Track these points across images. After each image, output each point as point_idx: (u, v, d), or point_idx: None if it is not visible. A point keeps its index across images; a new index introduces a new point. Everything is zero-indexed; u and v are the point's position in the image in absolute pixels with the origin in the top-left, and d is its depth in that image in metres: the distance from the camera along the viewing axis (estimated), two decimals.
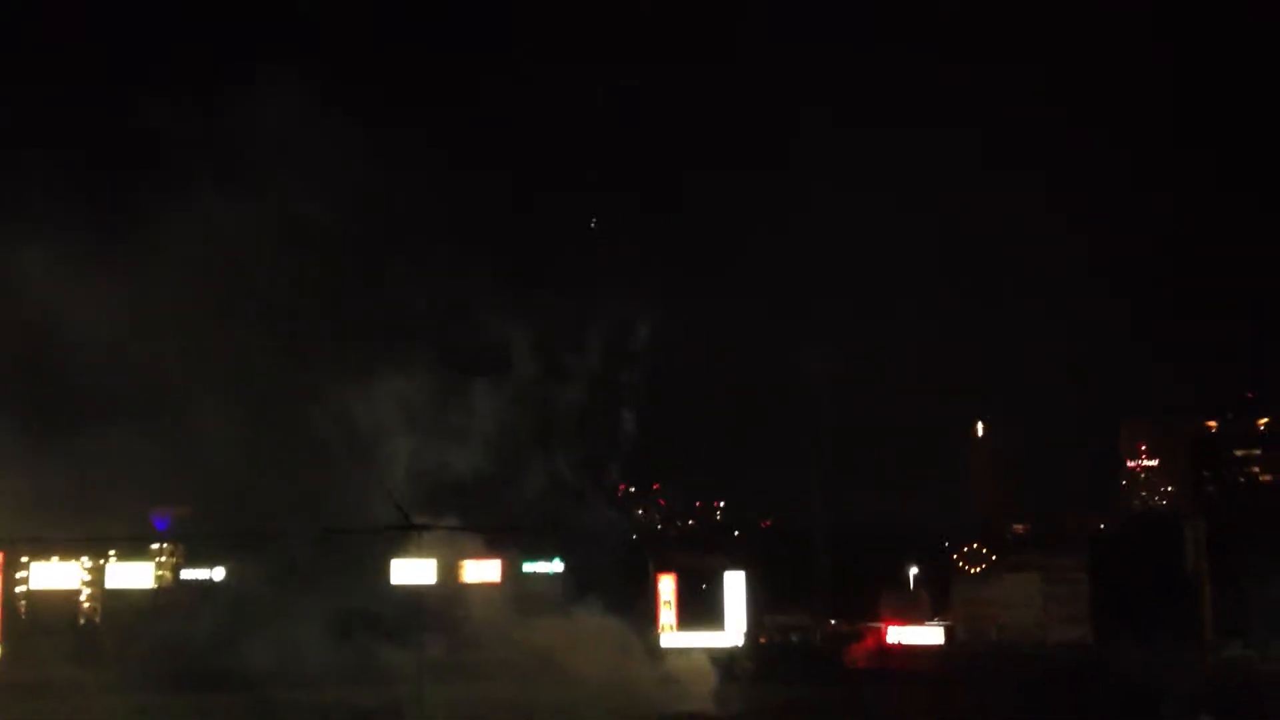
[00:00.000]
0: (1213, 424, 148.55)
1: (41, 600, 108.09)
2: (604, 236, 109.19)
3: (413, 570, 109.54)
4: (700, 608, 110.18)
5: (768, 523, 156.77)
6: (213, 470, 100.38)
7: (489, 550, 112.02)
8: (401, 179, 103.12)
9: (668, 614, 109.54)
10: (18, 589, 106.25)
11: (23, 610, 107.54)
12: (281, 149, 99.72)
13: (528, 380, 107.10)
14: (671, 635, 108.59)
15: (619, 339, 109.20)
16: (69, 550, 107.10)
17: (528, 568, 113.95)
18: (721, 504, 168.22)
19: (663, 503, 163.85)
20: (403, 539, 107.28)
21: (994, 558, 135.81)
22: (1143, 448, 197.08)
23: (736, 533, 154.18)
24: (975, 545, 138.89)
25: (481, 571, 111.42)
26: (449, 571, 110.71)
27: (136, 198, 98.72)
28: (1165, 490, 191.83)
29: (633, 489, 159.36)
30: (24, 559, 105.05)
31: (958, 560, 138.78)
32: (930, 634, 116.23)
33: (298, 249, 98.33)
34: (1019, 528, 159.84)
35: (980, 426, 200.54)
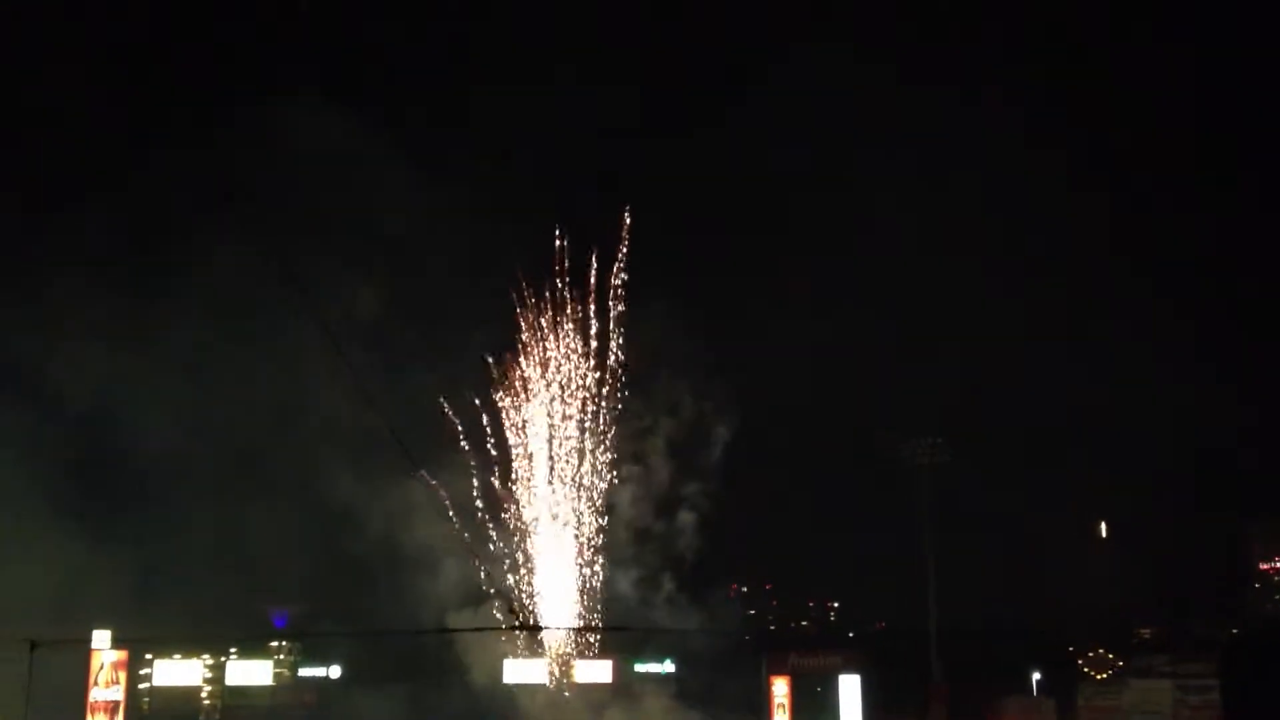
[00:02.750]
0: None
1: (164, 697, 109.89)
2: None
3: (525, 670, 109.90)
4: (815, 711, 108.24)
5: (882, 624, 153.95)
6: (327, 567, 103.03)
7: (601, 651, 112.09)
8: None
9: (782, 717, 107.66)
10: (141, 686, 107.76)
11: (146, 707, 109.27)
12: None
13: (635, 480, 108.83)
14: None
15: (728, 438, 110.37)
16: (190, 648, 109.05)
17: (639, 668, 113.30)
18: (835, 604, 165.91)
19: (775, 603, 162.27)
20: (514, 639, 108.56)
21: (1120, 663, 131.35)
22: (1275, 550, 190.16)
23: (851, 634, 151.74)
24: (1100, 650, 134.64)
25: (593, 672, 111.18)
26: (561, 672, 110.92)
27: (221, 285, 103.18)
28: None
29: (745, 589, 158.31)
30: (147, 656, 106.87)
31: (1082, 665, 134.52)
32: None
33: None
34: (1145, 632, 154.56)
35: (1104, 526, 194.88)
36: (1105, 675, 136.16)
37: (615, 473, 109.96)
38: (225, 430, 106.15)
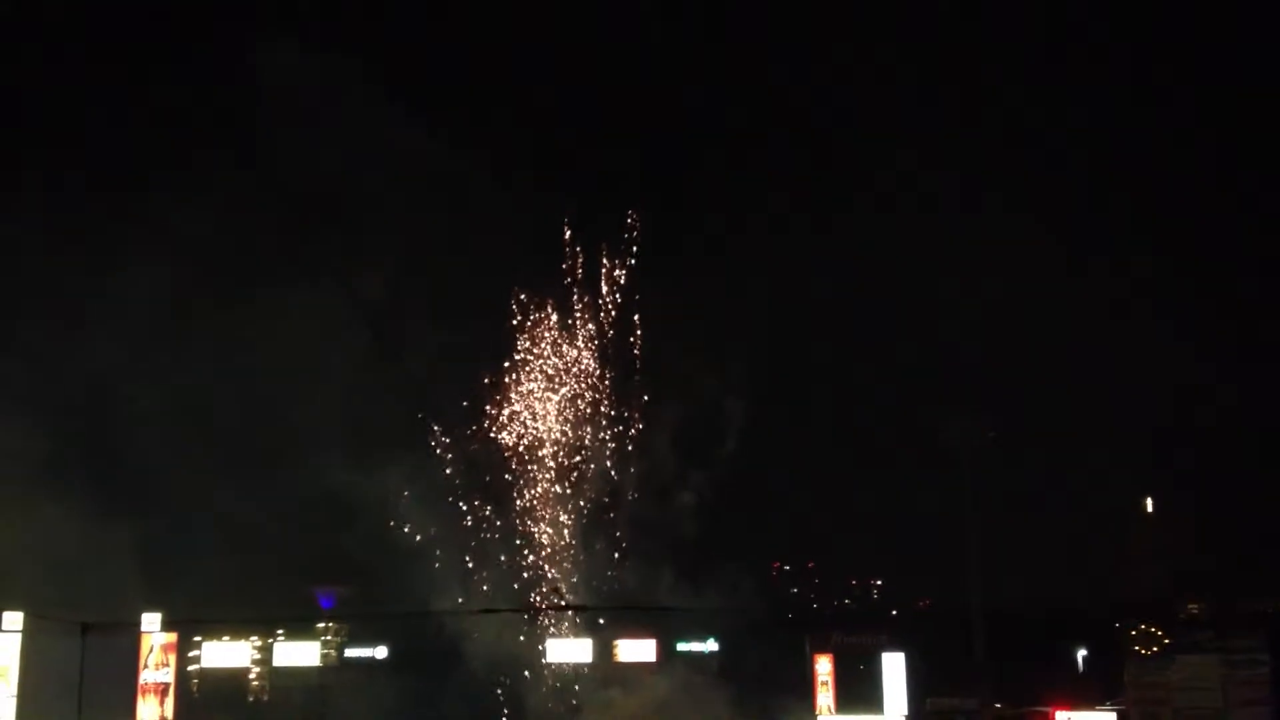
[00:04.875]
0: None
1: (213, 678, 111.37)
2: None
3: (568, 649, 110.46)
4: (859, 689, 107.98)
5: (927, 601, 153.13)
6: (371, 548, 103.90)
7: (644, 630, 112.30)
8: None
9: (825, 696, 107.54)
10: (190, 668, 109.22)
11: (195, 689, 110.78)
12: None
13: (678, 459, 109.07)
14: (829, 718, 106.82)
15: (765, 416, 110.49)
16: (239, 630, 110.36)
17: (682, 647, 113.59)
18: (878, 583, 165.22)
19: (817, 581, 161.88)
20: (558, 618, 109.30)
21: (1167, 639, 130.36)
22: None
23: (894, 612, 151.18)
24: (1146, 626, 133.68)
25: (636, 651, 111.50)
26: (604, 651, 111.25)
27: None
28: None
29: (787, 567, 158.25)
30: (196, 639, 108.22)
31: (1128, 642, 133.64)
32: (1102, 719, 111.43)
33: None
34: (1193, 607, 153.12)
35: (1149, 502, 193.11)
36: (1152, 652, 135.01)
37: (634, 451, 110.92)
38: (253, 411, 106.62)
